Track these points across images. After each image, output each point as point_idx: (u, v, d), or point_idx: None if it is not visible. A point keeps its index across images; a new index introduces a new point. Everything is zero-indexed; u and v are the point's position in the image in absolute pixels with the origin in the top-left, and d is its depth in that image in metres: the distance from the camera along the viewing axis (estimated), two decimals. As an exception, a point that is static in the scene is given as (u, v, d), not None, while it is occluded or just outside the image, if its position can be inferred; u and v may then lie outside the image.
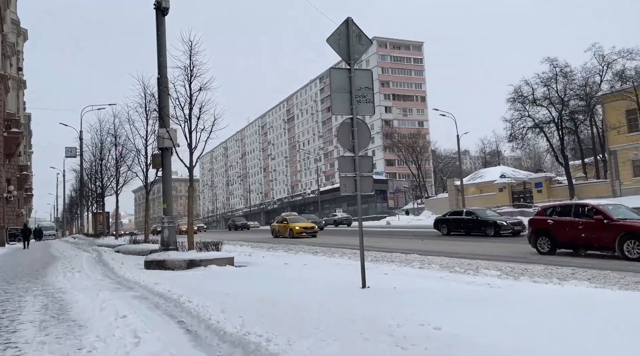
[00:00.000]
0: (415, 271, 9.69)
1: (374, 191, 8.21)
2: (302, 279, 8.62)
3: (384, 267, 10.68)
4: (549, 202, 44.90)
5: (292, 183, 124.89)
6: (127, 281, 9.07)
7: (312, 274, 9.37)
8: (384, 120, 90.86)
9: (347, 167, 7.98)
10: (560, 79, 42.73)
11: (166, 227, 14.49)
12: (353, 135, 7.94)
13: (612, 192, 39.97)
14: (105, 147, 25.68)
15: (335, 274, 9.42)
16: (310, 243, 21.27)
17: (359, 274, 9.41)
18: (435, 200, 65.19)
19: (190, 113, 12.28)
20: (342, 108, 8.04)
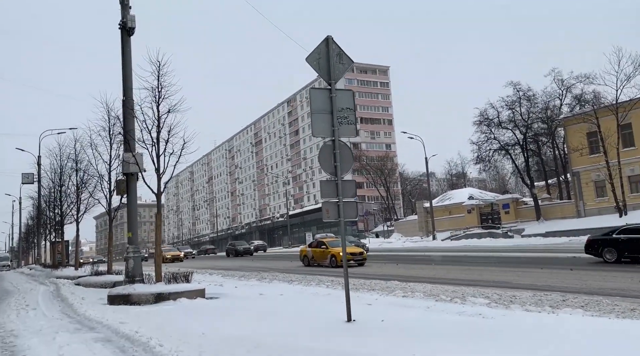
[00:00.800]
0: (399, 301, 9.25)
1: (358, 217, 7.77)
2: (282, 314, 8.04)
3: (365, 296, 10.20)
4: (516, 223, 45.73)
5: (261, 207, 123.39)
6: (89, 321, 8.24)
7: (292, 307, 8.80)
8: (352, 143, 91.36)
9: (329, 192, 7.56)
10: (524, 102, 44.04)
11: (131, 257, 13.63)
12: (335, 158, 7.55)
13: (576, 212, 40.96)
14: (65, 173, 24.44)
15: (316, 306, 8.88)
16: (283, 271, 20.57)
17: (341, 305, 8.89)
18: (405, 222, 65.43)
19: (158, 136, 11.65)
20: (323, 129, 7.67)
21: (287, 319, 7.37)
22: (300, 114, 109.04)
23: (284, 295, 11.02)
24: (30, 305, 11.47)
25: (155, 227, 11.52)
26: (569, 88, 44.66)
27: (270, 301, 9.84)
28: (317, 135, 7.69)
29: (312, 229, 78.09)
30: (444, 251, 30.40)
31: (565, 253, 20.88)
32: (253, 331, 6.32)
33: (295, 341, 5.66)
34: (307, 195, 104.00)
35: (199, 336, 6.08)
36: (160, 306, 9.68)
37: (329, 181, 7.62)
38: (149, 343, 5.65)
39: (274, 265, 25.18)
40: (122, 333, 6.62)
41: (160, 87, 11.57)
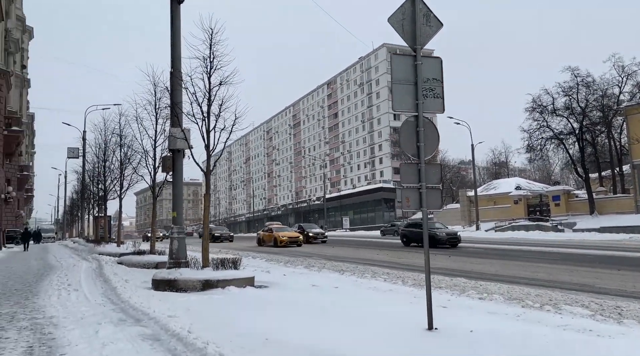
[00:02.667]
0: (477, 304, 8.10)
1: (442, 207, 6.62)
2: (346, 313, 7.04)
3: (434, 295, 9.08)
4: (567, 216, 43.25)
5: (297, 189, 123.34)
6: (134, 310, 7.48)
7: (354, 305, 7.79)
8: (392, 127, 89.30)
9: (410, 177, 6.43)
10: (582, 88, 41.17)
11: (175, 238, 12.97)
12: (418, 137, 6.41)
13: (635, 207, 38.27)
14: (109, 148, 24.20)
15: (382, 305, 7.84)
16: (323, 256, 19.68)
17: (411, 306, 7.84)
18: (445, 211, 63.40)
19: (209, 110, 10.76)
20: (405, 103, 6.51)
21: (357, 323, 6.36)
22: (340, 97, 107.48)
23: (339, 288, 10.05)
24: (72, 285, 10.95)
25: (204, 207, 10.72)
26: (630, 75, 41.41)
27: (327, 296, 8.88)
28: (397, 110, 6.55)
29: (349, 213, 77.20)
30: (492, 243, 28.77)
31: (635, 252, 19.06)
32: (321, 340, 5.33)
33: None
34: (345, 178, 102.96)
35: (262, 343, 5.14)
36: (209, 296, 8.87)
37: (410, 164, 6.50)
38: (207, 351, 4.75)
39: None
40: (173, 331, 5.77)
41: (212, 57, 10.65)
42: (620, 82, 41.98)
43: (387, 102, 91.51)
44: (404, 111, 6.58)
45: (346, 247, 27.63)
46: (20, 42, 42.77)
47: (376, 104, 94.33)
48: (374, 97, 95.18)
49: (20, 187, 46.22)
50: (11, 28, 36.07)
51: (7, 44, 33.60)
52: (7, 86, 32.10)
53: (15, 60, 39.50)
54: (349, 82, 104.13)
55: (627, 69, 41.08)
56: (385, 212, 72.62)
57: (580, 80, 41.23)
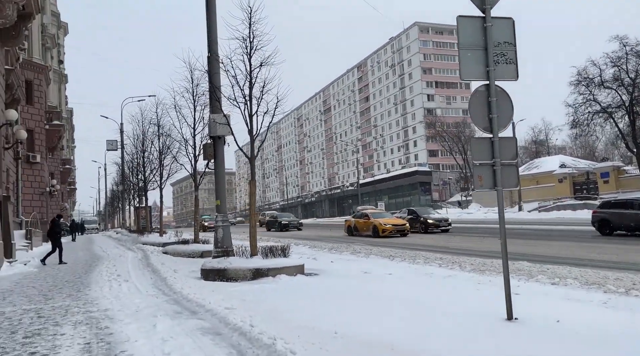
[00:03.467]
0: (551, 289, 7.45)
1: (519, 185, 5.95)
2: (409, 302, 6.53)
3: (498, 281, 8.47)
4: (616, 193, 41.23)
5: (329, 175, 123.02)
6: (188, 301, 7.21)
7: (415, 292, 7.28)
8: (426, 108, 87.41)
9: (483, 153, 5.81)
10: (632, 58, 38.82)
11: (220, 227, 12.77)
12: (490, 108, 5.78)
13: (693, 182, 36.10)
14: (147, 138, 24.30)
15: (445, 292, 7.31)
16: (371, 243, 19.19)
17: (477, 292, 7.27)
18: (484, 192, 61.89)
19: (250, 93, 10.35)
20: (474, 71, 5.87)
21: (422, 312, 5.85)
22: (371, 80, 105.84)
23: (393, 274, 9.55)
24: (121, 276, 10.85)
25: (250, 194, 10.36)
26: None
27: (382, 284, 8.40)
28: (465, 78, 5.91)
29: (384, 198, 76.31)
30: (538, 223, 27.66)
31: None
32: (391, 331, 4.87)
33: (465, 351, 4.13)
34: (378, 163, 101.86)
35: (331, 337, 4.71)
36: (261, 285, 8.54)
37: (482, 139, 5.88)
38: (275, 348, 4.34)
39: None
40: (233, 324, 5.42)
41: (251, 37, 10.20)
42: None
43: (420, 82, 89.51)
44: (472, 80, 5.96)
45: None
46: (56, 37, 43.55)
47: (409, 85, 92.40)
48: (407, 78, 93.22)
49: (63, 180, 47.51)
50: (47, 23, 36.65)
51: (44, 39, 34.17)
52: (47, 81, 32.69)
53: (53, 56, 40.25)
54: (380, 64, 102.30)
55: None
56: (422, 195, 71.36)
57: (630, 49, 38.89)
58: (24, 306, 7.49)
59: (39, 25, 31.84)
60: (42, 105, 30.93)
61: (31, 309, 7.24)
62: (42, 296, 8.58)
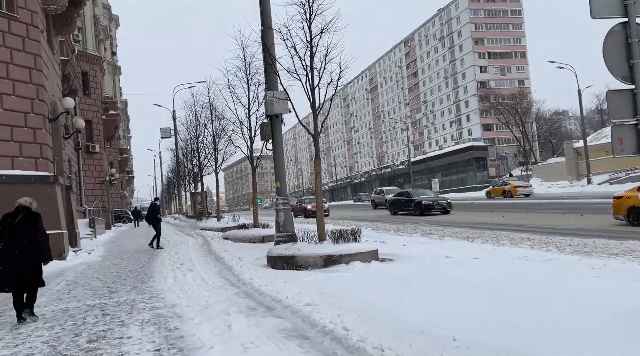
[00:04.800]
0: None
1: None
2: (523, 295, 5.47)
3: (615, 263, 7.23)
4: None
5: (378, 155, 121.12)
6: (260, 294, 6.48)
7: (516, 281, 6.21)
8: (479, 81, 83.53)
9: (622, 109, 4.62)
10: None
11: (281, 210, 12.06)
12: (631, 51, 4.57)
13: None
14: (200, 123, 24.03)
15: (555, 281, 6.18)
16: (438, 223, 18.04)
17: (597, 279, 6.11)
18: (545, 166, 58.54)
19: (311, 63, 9.42)
20: (607, 6, 4.66)
21: (555, 309, 4.79)
22: (419, 54, 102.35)
23: (480, 259, 8.46)
24: (185, 264, 10.37)
25: (315, 173, 9.51)
26: None
27: (473, 271, 7.35)
28: (596, 16, 4.71)
29: (437, 176, 74.07)
30: (594, 197, 25.22)
31: None
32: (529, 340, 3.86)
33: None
34: (429, 140, 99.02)
35: (453, 347, 3.78)
36: (336, 274, 7.71)
37: (620, 91, 4.68)
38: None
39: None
40: (321, 326, 4.59)
41: (311, 0, 9.22)
42: None
43: (471, 54, 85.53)
44: (605, 17, 4.73)
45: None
46: (108, 29, 44.27)
47: (459, 58, 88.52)
48: (457, 51, 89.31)
49: (122, 169, 48.86)
50: (98, 15, 37.14)
51: (97, 30, 34.61)
52: (101, 72, 33.18)
53: (106, 47, 40.92)
54: (428, 37, 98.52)
55: None
56: (477, 172, 68.56)
57: None
58: (88, 302, 7.03)
59: (91, 17, 32.21)
60: (98, 96, 31.43)
61: (96, 305, 6.75)
62: (107, 288, 8.15)
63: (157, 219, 15.01)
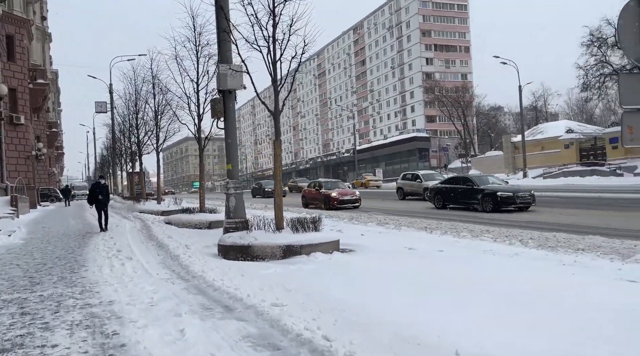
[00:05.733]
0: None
1: None
2: (506, 293, 5.03)
3: (585, 259, 7.01)
4: (625, 160, 40.08)
5: (324, 142, 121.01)
6: (215, 290, 5.66)
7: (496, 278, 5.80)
8: (424, 73, 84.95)
9: (634, 94, 4.21)
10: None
11: (232, 195, 11.19)
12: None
13: None
14: (141, 98, 22.32)
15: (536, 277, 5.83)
16: (389, 212, 17.76)
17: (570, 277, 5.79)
18: (484, 159, 60.63)
19: (274, 33, 8.54)
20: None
21: (553, 312, 4.34)
22: (368, 43, 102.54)
23: (444, 252, 8.06)
24: (122, 251, 9.25)
25: (274, 156, 8.70)
26: None
27: (443, 264, 6.93)
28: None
29: (381, 165, 75.03)
30: (550, 190, 26.23)
31: None
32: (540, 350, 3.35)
33: None
34: (374, 129, 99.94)
35: None
36: (298, 266, 7.01)
37: (633, 74, 4.25)
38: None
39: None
40: (295, 333, 3.88)
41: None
42: None
43: (418, 45, 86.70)
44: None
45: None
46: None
47: (407, 48, 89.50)
48: (405, 41, 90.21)
49: (50, 144, 45.27)
50: (27, -26, 33.65)
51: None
52: (29, 36, 30.15)
53: (35, 11, 37.35)
54: (377, 26, 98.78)
55: None
56: (420, 162, 70.06)
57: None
58: (4, 296, 5.89)
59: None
60: (25, 63, 28.55)
61: (13, 300, 5.64)
62: (28, 279, 6.98)
63: (102, 203, 13.44)
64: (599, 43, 39.14)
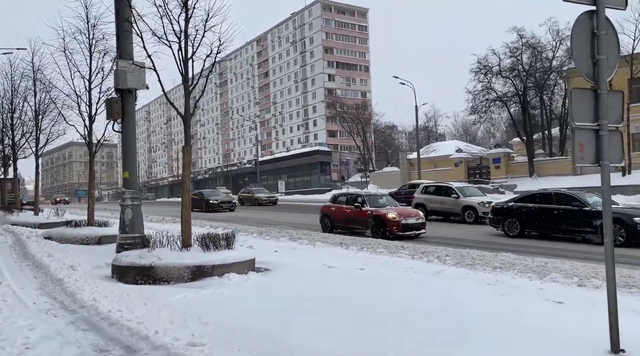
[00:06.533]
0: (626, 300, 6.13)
1: (623, 160, 4.23)
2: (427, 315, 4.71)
3: (505, 277, 7.04)
4: (506, 179, 43.99)
5: (224, 152, 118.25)
6: (110, 324, 4.63)
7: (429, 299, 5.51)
8: (327, 88, 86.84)
9: (585, 111, 4.11)
10: (527, 50, 41.19)
11: (129, 206, 9.96)
12: (597, 45, 4.07)
13: (572, 169, 39.40)
14: (19, 95, 19.58)
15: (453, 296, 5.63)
16: (295, 226, 17.28)
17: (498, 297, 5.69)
18: (382, 174, 63.03)
19: (186, 27, 7.67)
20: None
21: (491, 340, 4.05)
22: (271, 55, 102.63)
23: (366, 270, 7.72)
24: (-12, 275, 7.61)
25: (183, 165, 7.74)
26: (563, 40, 41.32)
27: (358, 282, 6.55)
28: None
29: (284, 177, 74.85)
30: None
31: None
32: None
33: None
34: (276, 141, 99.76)
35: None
36: (212, 290, 6.14)
37: (584, 90, 4.15)
38: None
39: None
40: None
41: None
42: (554, 47, 42.07)
43: (321, 61, 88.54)
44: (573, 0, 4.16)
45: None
46: None
47: (310, 64, 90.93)
48: (308, 56, 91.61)
49: None
50: None
51: None
52: None
53: None
54: (281, 39, 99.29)
55: (561, 33, 41.05)
56: (321, 175, 71.04)
57: (525, 42, 41.14)
58: None
59: None
60: None
61: None
62: None
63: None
64: (485, 71, 42.59)
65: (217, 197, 29.58)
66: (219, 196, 30.01)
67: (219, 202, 27.92)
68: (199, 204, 26.79)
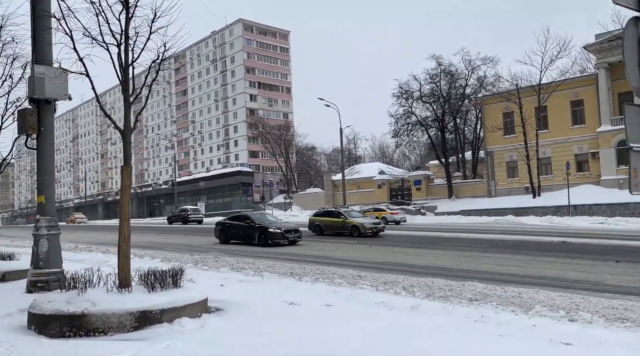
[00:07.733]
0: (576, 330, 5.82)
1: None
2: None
3: (487, 311, 6.59)
4: (426, 200, 45.51)
5: (138, 172, 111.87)
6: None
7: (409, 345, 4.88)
8: (249, 108, 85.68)
9: None
10: (445, 76, 43.43)
11: (44, 236, 8.47)
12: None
13: (487, 191, 41.69)
14: None
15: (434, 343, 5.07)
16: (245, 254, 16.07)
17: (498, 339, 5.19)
18: (305, 195, 62.77)
19: (127, 28, 6.58)
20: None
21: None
22: (190, 73, 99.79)
23: (333, 306, 6.96)
24: None
25: (122, 187, 6.49)
26: (474, 69, 44.41)
27: (338, 326, 5.78)
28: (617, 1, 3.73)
29: (203, 198, 72.05)
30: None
31: (537, 236, 19.44)
32: None
33: None
34: (195, 161, 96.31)
35: None
36: (163, 345, 5.01)
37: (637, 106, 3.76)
38: None
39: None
40: None
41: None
42: (467, 75, 44.96)
43: (243, 81, 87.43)
44: (623, 4, 3.77)
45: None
46: None
47: (231, 83, 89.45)
48: (229, 76, 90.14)
49: None
50: None
51: None
52: None
53: None
54: (201, 57, 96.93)
55: (472, 62, 44.04)
56: (243, 196, 69.20)
57: (443, 69, 43.38)
58: None
59: None
60: None
61: None
62: None
63: None
64: (406, 95, 44.24)
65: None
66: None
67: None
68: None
